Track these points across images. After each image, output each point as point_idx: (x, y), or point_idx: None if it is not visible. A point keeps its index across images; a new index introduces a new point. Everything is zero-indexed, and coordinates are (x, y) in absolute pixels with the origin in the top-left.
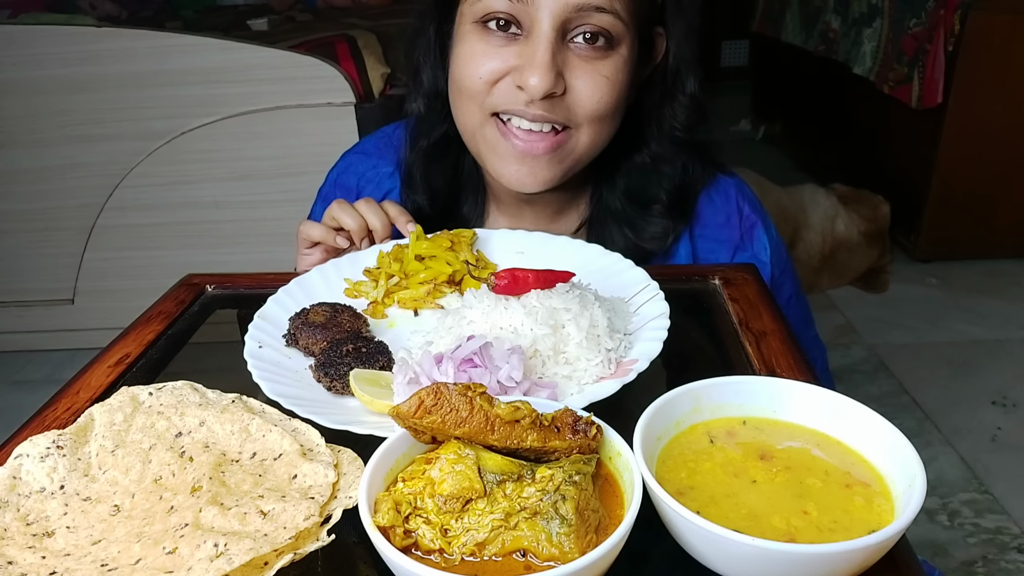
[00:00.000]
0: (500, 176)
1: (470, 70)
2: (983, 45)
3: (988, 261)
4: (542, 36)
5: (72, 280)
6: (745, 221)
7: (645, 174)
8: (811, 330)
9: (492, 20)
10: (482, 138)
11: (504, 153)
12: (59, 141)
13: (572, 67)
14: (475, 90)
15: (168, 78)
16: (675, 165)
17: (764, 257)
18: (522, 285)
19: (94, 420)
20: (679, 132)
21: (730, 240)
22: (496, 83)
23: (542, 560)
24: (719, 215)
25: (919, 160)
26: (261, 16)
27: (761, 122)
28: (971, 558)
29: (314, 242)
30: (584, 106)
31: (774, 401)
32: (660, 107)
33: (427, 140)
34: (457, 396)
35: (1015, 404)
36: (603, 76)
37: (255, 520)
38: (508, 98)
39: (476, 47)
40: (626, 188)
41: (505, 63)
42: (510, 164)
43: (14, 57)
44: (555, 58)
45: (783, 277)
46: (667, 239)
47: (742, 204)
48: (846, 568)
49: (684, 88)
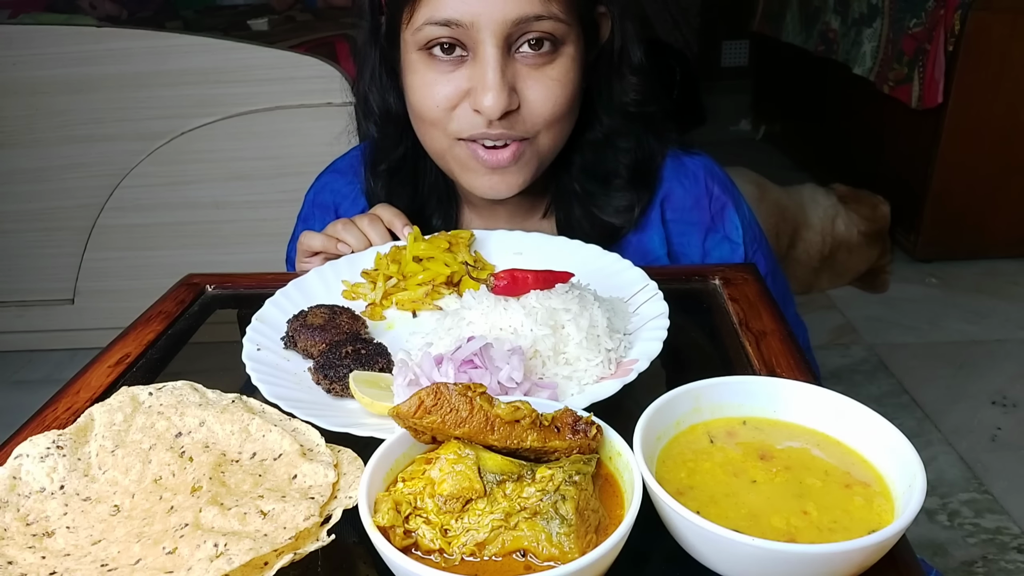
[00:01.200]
0: (474, 189)
1: (426, 100)
2: (983, 45)
3: (988, 261)
4: (488, 57)
5: (72, 280)
6: (715, 202)
7: (600, 150)
8: (791, 308)
9: (435, 46)
10: (452, 158)
11: (475, 168)
12: (59, 141)
13: (522, 78)
14: (435, 118)
15: (168, 78)
16: (629, 138)
17: (736, 238)
18: (521, 286)
19: (94, 420)
20: (630, 107)
21: (700, 222)
22: (454, 108)
23: (542, 560)
24: (688, 198)
25: (919, 160)
26: (261, 16)
27: (761, 122)
28: (971, 558)
29: (314, 252)
30: (540, 114)
31: (774, 401)
32: (609, 83)
33: (386, 163)
34: (457, 396)
35: (1015, 404)
36: (553, 80)
37: (255, 520)
38: (468, 123)
39: (426, 76)
40: (583, 166)
41: (457, 88)
42: (481, 177)
43: (14, 57)
44: (504, 75)
45: (756, 256)
46: (633, 211)
47: (711, 185)
48: (846, 568)
49: (631, 61)
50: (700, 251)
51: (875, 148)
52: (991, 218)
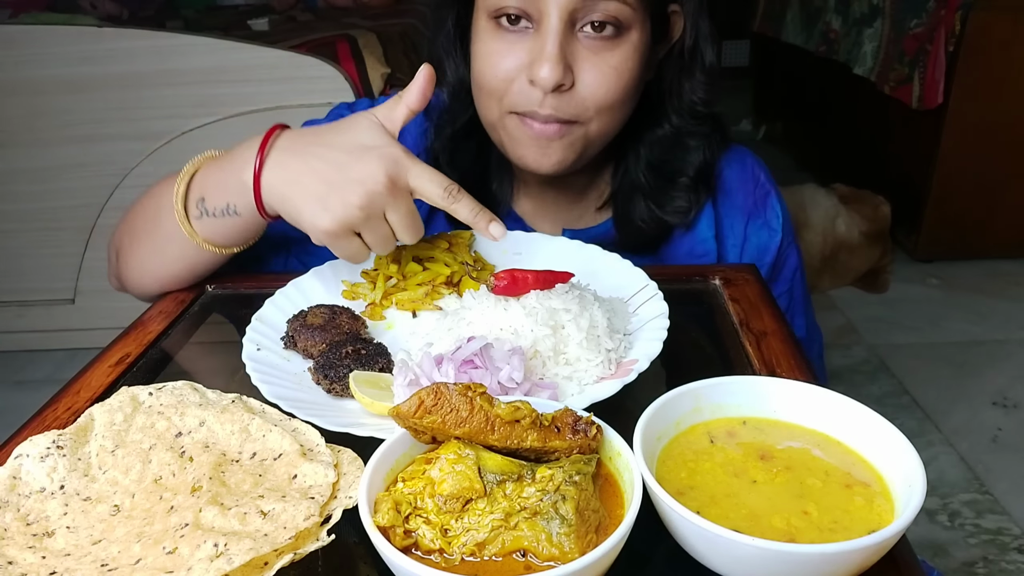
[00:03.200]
0: (519, 159)
1: (488, 70)
2: (984, 45)
3: (988, 261)
4: (551, 28)
5: (72, 280)
6: (760, 189)
7: (669, 147)
8: (810, 312)
9: (503, 16)
10: (502, 128)
11: (522, 138)
12: (60, 141)
13: (580, 59)
14: (494, 88)
15: (169, 78)
16: (698, 138)
17: (776, 225)
18: (522, 286)
19: (94, 420)
20: (699, 107)
21: (744, 207)
22: (513, 81)
23: (542, 560)
24: (736, 180)
25: (920, 160)
26: (262, 16)
27: (762, 122)
28: (971, 558)
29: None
30: (593, 98)
31: (774, 401)
32: (679, 82)
33: (451, 127)
34: (457, 396)
35: (1016, 404)
36: (611, 67)
37: (255, 520)
38: (523, 99)
39: (491, 45)
40: (650, 161)
41: (518, 60)
42: (528, 148)
43: (15, 57)
44: (563, 50)
45: (790, 249)
46: (690, 213)
47: (758, 172)
48: (846, 568)
49: (703, 62)
50: (741, 235)
51: (876, 148)
52: (992, 218)
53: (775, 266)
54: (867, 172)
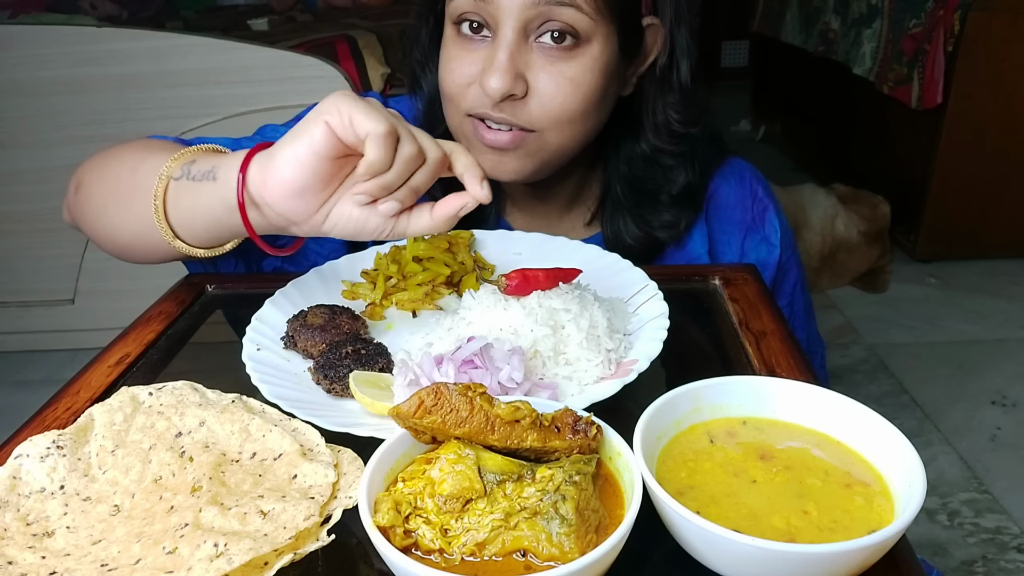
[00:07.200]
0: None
1: (447, 75)
2: (983, 45)
3: (987, 261)
4: (503, 37)
5: (72, 280)
6: (758, 204)
7: (646, 166)
8: (812, 324)
9: (464, 23)
10: (462, 134)
11: (477, 146)
12: (60, 142)
13: (535, 68)
14: (452, 93)
15: (168, 78)
16: (675, 158)
17: (775, 240)
18: (533, 284)
19: (94, 420)
20: (676, 126)
21: (742, 222)
22: (469, 86)
23: (542, 560)
24: (733, 196)
25: (919, 160)
26: (261, 16)
27: (761, 122)
28: (971, 558)
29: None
30: (546, 108)
31: (774, 401)
32: (653, 100)
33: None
34: (457, 396)
35: (1015, 404)
36: (567, 78)
37: (255, 520)
38: (477, 101)
39: (452, 52)
40: (628, 178)
41: (474, 67)
42: (484, 155)
43: (14, 58)
44: (514, 59)
45: (790, 263)
46: (679, 228)
47: (756, 186)
48: (846, 568)
49: (679, 79)
50: (739, 251)
51: (875, 148)
52: (991, 218)
53: (775, 281)
54: (866, 172)
